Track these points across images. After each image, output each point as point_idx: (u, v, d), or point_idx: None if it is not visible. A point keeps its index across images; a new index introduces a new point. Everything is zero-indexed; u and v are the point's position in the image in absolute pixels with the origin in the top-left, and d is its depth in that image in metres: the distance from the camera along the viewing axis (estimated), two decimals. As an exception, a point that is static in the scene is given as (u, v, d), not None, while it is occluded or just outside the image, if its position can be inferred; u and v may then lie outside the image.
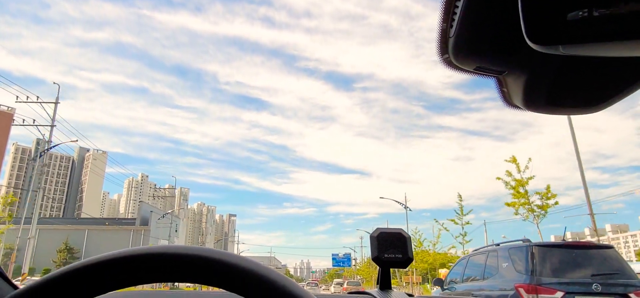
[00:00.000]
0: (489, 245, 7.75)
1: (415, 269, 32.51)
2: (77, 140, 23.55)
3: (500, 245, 7.13)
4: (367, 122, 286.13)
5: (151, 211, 54.61)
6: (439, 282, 8.51)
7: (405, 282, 37.52)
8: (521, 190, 17.39)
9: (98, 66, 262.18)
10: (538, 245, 5.49)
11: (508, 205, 17.75)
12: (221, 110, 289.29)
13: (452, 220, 25.47)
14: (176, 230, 58.41)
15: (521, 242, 6.04)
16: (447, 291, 8.18)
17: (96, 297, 0.41)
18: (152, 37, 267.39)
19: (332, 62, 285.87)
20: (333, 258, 63.07)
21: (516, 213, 17.65)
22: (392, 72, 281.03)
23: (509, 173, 17.81)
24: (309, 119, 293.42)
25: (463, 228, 25.39)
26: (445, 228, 27.05)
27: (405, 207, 33.95)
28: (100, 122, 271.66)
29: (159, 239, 43.74)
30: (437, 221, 28.53)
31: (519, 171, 17.61)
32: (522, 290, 5.15)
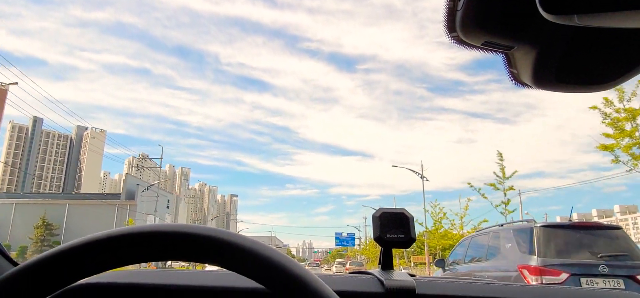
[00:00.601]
0: (493, 226, 7.67)
1: (434, 247, 29.10)
2: (16, 83, 22.39)
3: (504, 225, 7.04)
4: (369, 103, 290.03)
5: (137, 184, 49.76)
6: (441, 263, 8.48)
7: (414, 263, 36.52)
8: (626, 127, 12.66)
9: (99, 47, 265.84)
10: (543, 226, 5.39)
11: (603, 148, 13.33)
12: (223, 91, 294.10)
13: (491, 185, 19.97)
14: (168, 206, 54.42)
15: (526, 222, 5.94)
16: (448, 272, 8.16)
17: (83, 278, 0.42)
18: (153, 17, 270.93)
19: (335, 43, 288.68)
20: (336, 238, 59.53)
21: (616, 160, 13.22)
22: (395, 53, 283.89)
23: (608, 102, 12.98)
24: (311, 101, 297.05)
25: (505, 194, 19.76)
26: (483, 196, 21.29)
27: (421, 177, 29.84)
28: (102, 103, 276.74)
29: (146, 215, 40.21)
30: (471, 185, 21.63)
31: (622, 99, 12.81)
32: (525, 272, 5.07)
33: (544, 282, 4.87)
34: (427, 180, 29.95)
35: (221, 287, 0.72)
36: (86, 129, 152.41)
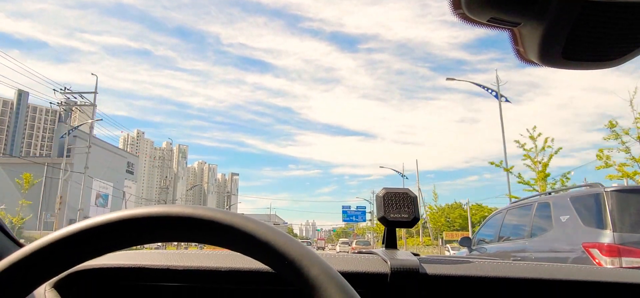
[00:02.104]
0: (537, 194, 6.53)
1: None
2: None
3: (552, 193, 5.90)
4: (371, 83, 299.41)
5: (73, 134, 37.39)
6: (466, 242, 7.38)
7: (446, 240, 33.50)
8: None
9: (99, 28, 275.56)
10: (616, 191, 4.22)
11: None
12: (225, 72, 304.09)
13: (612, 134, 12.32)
14: (131, 171, 46.38)
15: (587, 186, 4.79)
16: (476, 252, 7.09)
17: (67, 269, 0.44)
18: None
19: (336, 22, 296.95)
20: (343, 212, 51.52)
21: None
22: (397, 33, 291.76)
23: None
24: (313, 81, 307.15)
25: None
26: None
27: (499, 97, 21.70)
28: (104, 85, 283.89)
29: (94, 179, 32.90)
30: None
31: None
32: (596, 252, 3.94)
33: (623, 264, 3.75)
34: (506, 100, 21.74)
35: (226, 268, 0.76)
36: (75, 102, 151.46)
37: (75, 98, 31.55)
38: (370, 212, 53.78)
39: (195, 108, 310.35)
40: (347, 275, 0.72)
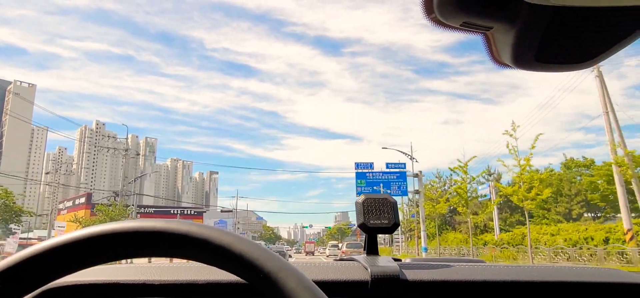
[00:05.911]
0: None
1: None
2: None
3: None
4: (356, 87, 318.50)
5: None
6: None
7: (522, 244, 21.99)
8: None
9: (80, 34, 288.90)
10: None
11: None
12: (209, 77, 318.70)
13: None
14: None
15: None
16: None
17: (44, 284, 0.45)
18: (135, 2, 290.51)
19: (320, 26, 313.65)
20: (359, 177, 33.22)
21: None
22: (380, 36, 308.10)
23: None
24: (298, 85, 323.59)
25: None
26: None
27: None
28: (88, 91, 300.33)
29: None
30: None
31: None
32: None
33: None
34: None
35: (203, 281, 0.78)
36: (10, 83, 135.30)
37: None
38: (415, 175, 31.49)
39: (179, 113, 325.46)
40: (327, 284, 0.76)
